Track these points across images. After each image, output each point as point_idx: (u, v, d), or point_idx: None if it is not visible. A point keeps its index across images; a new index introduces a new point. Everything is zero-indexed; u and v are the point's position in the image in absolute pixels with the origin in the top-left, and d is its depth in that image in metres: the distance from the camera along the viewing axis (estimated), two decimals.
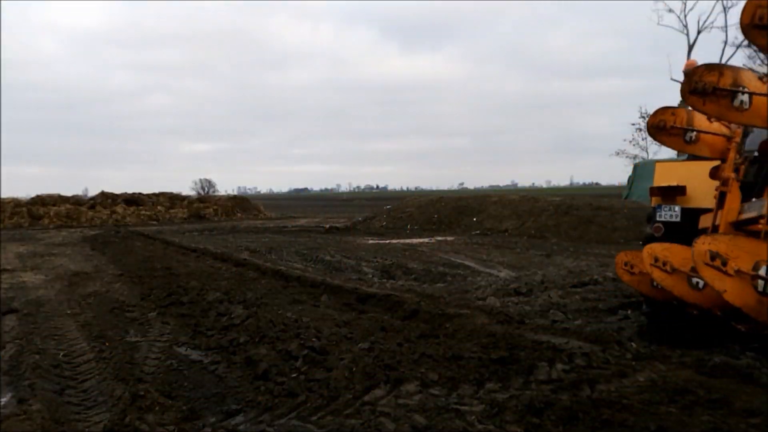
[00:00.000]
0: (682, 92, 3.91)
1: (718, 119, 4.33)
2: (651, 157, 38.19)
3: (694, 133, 4.55)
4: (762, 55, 35.55)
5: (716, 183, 4.52)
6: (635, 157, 39.39)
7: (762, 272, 3.55)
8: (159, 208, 34.64)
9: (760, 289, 3.60)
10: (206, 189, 57.79)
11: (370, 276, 10.22)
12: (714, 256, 3.62)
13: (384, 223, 24.19)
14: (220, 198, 42.36)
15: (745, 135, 4.83)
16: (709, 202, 4.55)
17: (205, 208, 36.01)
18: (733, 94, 3.80)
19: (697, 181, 4.74)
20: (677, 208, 4.68)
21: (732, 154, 4.50)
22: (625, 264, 5.29)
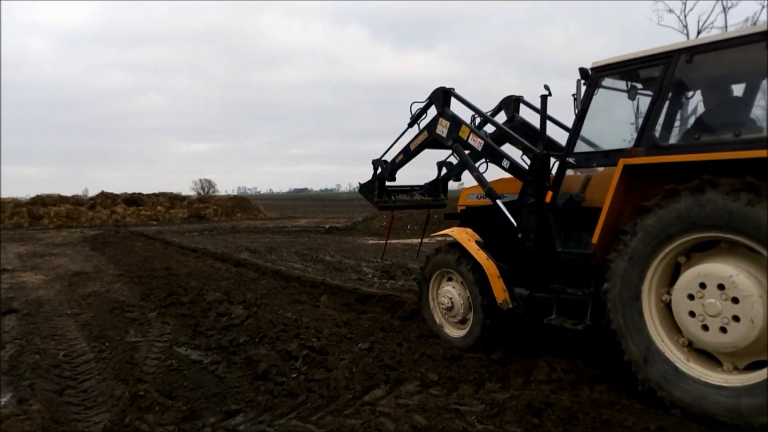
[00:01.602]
0: None
1: None
2: None
3: None
4: None
5: None
6: None
7: None
8: (159, 208, 34.63)
9: None
10: (206, 189, 57.79)
11: (370, 276, 10.22)
12: None
13: (384, 223, 24.20)
14: (220, 198, 42.35)
15: None
16: None
17: (205, 209, 36.01)
18: None
19: None
20: None
21: None
22: None
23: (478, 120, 6.06)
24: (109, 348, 5.71)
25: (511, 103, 6.03)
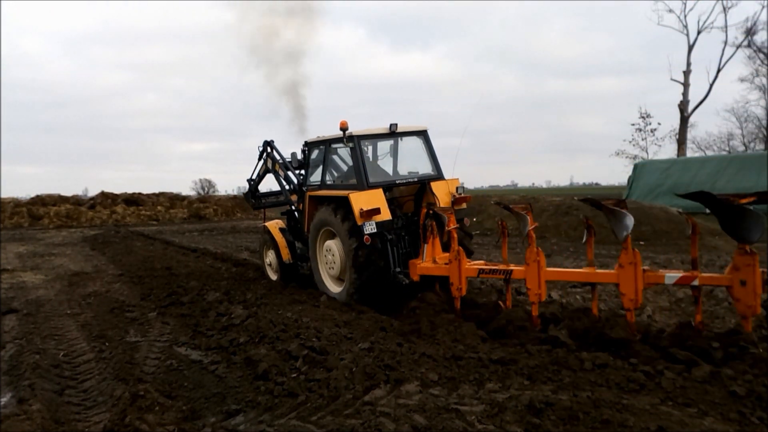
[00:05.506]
0: None
1: None
2: (651, 157, 38.17)
3: None
4: (762, 55, 35.61)
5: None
6: (635, 157, 39.31)
7: None
8: (159, 208, 34.59)
9: None
10: (206, 189, 57.70)
11: None
12: None
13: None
14: (220, 198, 42.27)
15: None
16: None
17: (205, 209, 35.96)
18: None
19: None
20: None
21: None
22: None
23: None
24: (109, 348, 5.72)
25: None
